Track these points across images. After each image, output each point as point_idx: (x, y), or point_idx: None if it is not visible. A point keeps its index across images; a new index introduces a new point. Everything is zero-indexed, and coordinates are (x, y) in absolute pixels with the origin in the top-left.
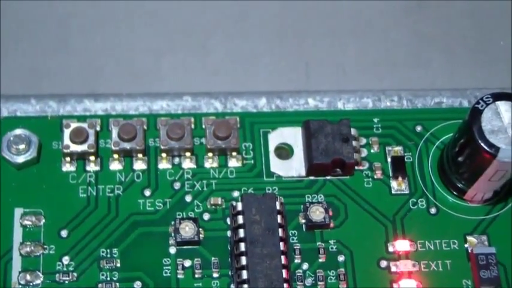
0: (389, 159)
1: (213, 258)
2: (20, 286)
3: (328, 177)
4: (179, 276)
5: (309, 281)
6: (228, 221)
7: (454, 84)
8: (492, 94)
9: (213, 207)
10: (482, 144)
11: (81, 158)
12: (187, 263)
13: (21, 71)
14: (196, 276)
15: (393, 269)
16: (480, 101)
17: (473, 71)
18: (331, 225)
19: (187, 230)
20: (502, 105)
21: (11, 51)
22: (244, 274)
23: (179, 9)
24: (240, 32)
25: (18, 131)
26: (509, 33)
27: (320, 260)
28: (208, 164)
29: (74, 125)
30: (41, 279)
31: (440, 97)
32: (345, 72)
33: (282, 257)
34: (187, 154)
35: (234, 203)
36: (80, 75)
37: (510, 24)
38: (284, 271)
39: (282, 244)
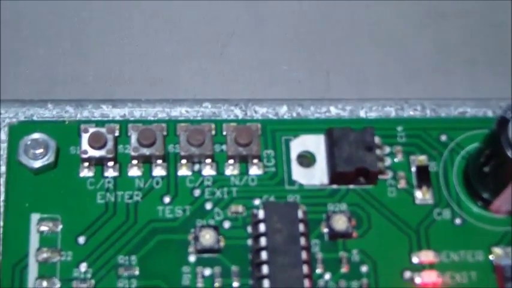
0: (413, 169)
1: (233, 267)
2: None
3: (351, 186)
4: (199, 284)
5: None
6: (249, 229)
7: (476, 94)
8: None
9: (234, 215)
10: (510, 154)
11: (99, 164)
12: (207, 272)
13: (37, 77)
14: (216, 284)
15: (417, 280)
16: (508, 110)
17: (495, 81)
18: (354, 234)
19: (208, 237)
20: None
21: (28, 56)
22: (266, 283)
23: (198, 16)
24: (259, 39)
25: (36, 135)
26: None
27: (342, 270)
28: (229, 171)
29: (92, 129)
30: (58, 286)
31: (464, 107)
32: (366, 82)
33: (304, 267)
34: (208, 161)
35: (255, 211)
36: (96, 81)
37: None
38: (306, 281)
39: (304, 253)
